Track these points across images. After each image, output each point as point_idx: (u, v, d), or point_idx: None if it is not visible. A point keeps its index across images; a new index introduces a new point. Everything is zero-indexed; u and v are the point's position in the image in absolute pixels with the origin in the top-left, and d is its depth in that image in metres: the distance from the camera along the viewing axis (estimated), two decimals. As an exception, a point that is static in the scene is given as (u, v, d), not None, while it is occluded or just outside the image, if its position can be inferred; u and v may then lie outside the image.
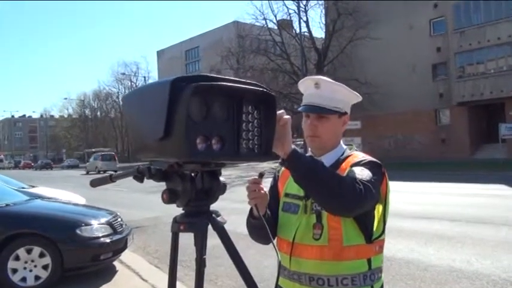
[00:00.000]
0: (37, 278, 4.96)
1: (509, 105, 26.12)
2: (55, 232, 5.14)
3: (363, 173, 1.48)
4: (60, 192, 9.39)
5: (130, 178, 1.40)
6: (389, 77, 28.88)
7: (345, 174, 1.52)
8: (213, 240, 1.41)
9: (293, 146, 1.40)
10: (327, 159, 1.64)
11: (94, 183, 1.53)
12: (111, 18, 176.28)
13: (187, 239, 1.44)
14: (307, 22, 34.99)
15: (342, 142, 1.73)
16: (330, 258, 1.53)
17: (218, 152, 1.20)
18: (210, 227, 1.34)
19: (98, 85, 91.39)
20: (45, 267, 4.98)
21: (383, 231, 1.62)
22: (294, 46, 33.95)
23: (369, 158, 1.62)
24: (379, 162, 1.60)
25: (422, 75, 29.35)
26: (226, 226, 1.39)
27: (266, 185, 1.65)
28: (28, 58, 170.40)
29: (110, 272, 5.72)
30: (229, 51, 36.46)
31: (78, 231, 5.20)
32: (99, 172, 37.21)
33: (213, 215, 1.36)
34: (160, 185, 1.34)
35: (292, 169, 1.42)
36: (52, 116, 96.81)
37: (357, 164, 1.57)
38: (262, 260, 5.88)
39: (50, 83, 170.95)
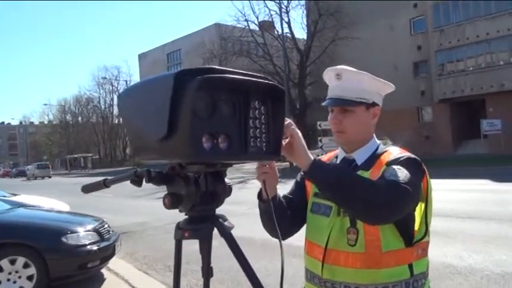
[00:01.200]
0: (22, 289, 4.77)
1: (489, 101, 26.60)
2: (39, 241, 4.96)
3: (400, 174, 1.34)
4: (44, 199, 9.14)
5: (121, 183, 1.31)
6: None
7: (379, 173, 1.39)
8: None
9: (312, 157, 1.31)
10: (359, 156, 1.51)
11: (86, 189, 1.41)
12: (91, 22, 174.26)
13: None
14: (289, 23, 35.16)
15: (375, 137, 1.58)
16: (367, 266, 1.39)
17: (225, 151, 1.10)
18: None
19: (79, 90, 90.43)
20: (30, 277, 4.79)
21: (426, 233, 1.46)
22: (276, 47, 33.98)
23: (406, 154, 1.45)
24: (417, 159, 1.44)
25: (403, 74, 29.64)
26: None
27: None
28: (5, 64, 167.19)
29: (98, 280, 5.56)
30: (211, 54, 36.28)
31: (63, 239, 5.02)
32: (35, 178, 47.46)
33: (220, 220, 1.25)
34: (144, 189, 1.24)
35: (316, 182, 1.33)
36: (32, 123, 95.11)
37: (394, 162, 1.41)
38: (253, 263, 5.78)
39: (29, 89, 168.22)
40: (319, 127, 26.58)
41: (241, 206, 11.62)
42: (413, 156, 1.45)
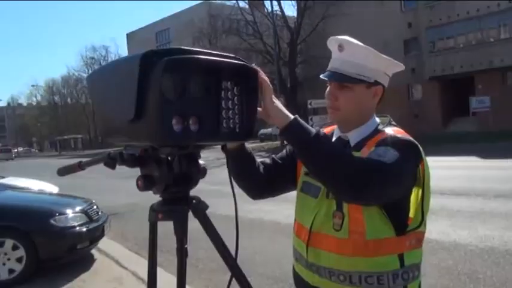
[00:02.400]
0: (11, 271, 4.79)
1: (478, 79, 26.68)
2: (28, 223, 4.97)
3: (385, 154, 1.24)
4: (32, 182, 9.08)
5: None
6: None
7: (368, 154, 1.29)
8: (191, 223, 1.29)
9: (292, 117, 1.25)
10: (354, 137, 1.42)
11: (61, 172, 1.41)
12: (79, 1, 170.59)
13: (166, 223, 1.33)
14: (278, 0, 34.66)
15: (375, 117, 1.47)
16: (350, 253, 1.31)
17: (196, 133, 1.09)
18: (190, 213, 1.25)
19: (67, 70, 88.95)
20: (19, 259, 4.81)
21: (422, 222, 1.37)
22: (267, 25, 33.57)
23: (400, 136, 1.34)
24: (412, 141, 1.33)
25: (394, 51, 29.44)
26: None
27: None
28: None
29: (88, 261, 5.59)
30: (201, 32, 35.84)
31: (52, 221, 5.03)
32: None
33: (194, 201, 1.25)
34: (136, 170, 1.23)
35: (291, 142, 1.26)
36: (20, 104, 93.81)
37: (383, 142, 1.31)
38: (241, 241, 5.85)
39: (15, 70, 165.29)
40: (309, 106, 26.65)
41: (229, 186, 11.68)
42: (408, 138, 1.34)
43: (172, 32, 55.72)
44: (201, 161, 1.29)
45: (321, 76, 1.43)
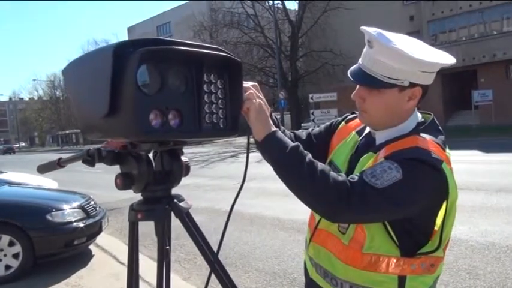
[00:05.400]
0: (8, 267, 4.76)
1: (481, 72, 26.53)
2: (24, 219, 4.92)
3: (381, 175, 1.11)
4: (31, 177, 9.04)
5: None
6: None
7: (366, 168, 1.18)
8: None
9: (268, 132, 1.15)
10: (381, 137, 1.28)
11: (41, 170, 1.35)
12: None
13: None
14: (280, -7, 34.42)
15: (415, 117, 1.30)
16: (346, 261, 1.23)
17: (176, 128, 1.03)
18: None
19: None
20: (15, 255, 4.78)
21: (439, 246, 1.21)
22: (268, 19, 33.41)
23: (424, 152, 1.16)
24: (434, 164, 1.13)
25: (396, 45, 29.36)
26: (205, 203, 1.24)
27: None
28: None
29: (85, 257, 5.56)
30: (201, 26, 35.65)
31: (48, 217, 4.99)
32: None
33: (175, 200, 1.19)
34: None
35: (264, 157, 1.18)
36: (22, 99, 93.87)
37: (397, 155, 1.15)
38: (241, 236, 5.82)
39: (17, 64, 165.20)
40: (311, 100, 26.59)
41: (231, 180, 11.64)
42: (427, 157, 1.14)
43: (173, 26, 55.53)
44: (184, 158, 1.23)
45: (349, 74, 1.26)
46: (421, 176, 1.12)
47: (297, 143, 1.19)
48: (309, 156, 1.16)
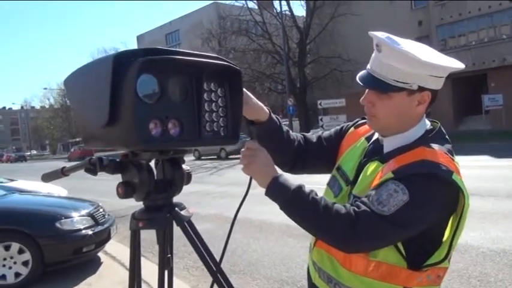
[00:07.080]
0: (17, 275, 4.79)
1: (491, 76, 26.31)
2: (33, 227, 4.96)
3: (388, 201, 1.10)
4: (41, 184, 9.12)
5: None
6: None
7: (383, 177, 1.17)
8: (200, 225, 1.23)
9: (271, 178, 1.20)
10: (389, 144, 1.27)
11: (45, 178, 1.37)
12: (90, 4, 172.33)
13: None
14: (287, 0, 34.57)
15: (423, 123, 1.31)
16: (351, 268, 1.22)
17: (176, 137, 1.04)
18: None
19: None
20: (25, 263, 4.81)
21: (445, 258, 1.20)
22: (276, 25, 33.53)
23: (427, 165, 1.14)
24: (444, 176, 1.12)
25: (405, 50, 29.24)
26: (213, 210, 1.24)
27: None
28: (4, 48, 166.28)
29: (94, 264, 5.57)
30: (210, 33, 35.87)
31: (57, 225, 5.02)
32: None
33: (176, 209, 1.20)
34: None
35: (276, 202, 1.21)
36: (33, 107, 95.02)
37: (399, 172, 1.15)
38: (250, 243, 5.81)
39: (29, 73, 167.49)
40: (319, 106, 26.55)
41: (240, 187, 11.62)
42: (436, 171, 1.12)
43: (182, 34, 55.92)
44: (185, 166, 1.23)
45: (357, 79, 1.27)
46: (429, 192, 1.11)
47: (298, 184, 1.20)
48: (312, 194, 1.18)
